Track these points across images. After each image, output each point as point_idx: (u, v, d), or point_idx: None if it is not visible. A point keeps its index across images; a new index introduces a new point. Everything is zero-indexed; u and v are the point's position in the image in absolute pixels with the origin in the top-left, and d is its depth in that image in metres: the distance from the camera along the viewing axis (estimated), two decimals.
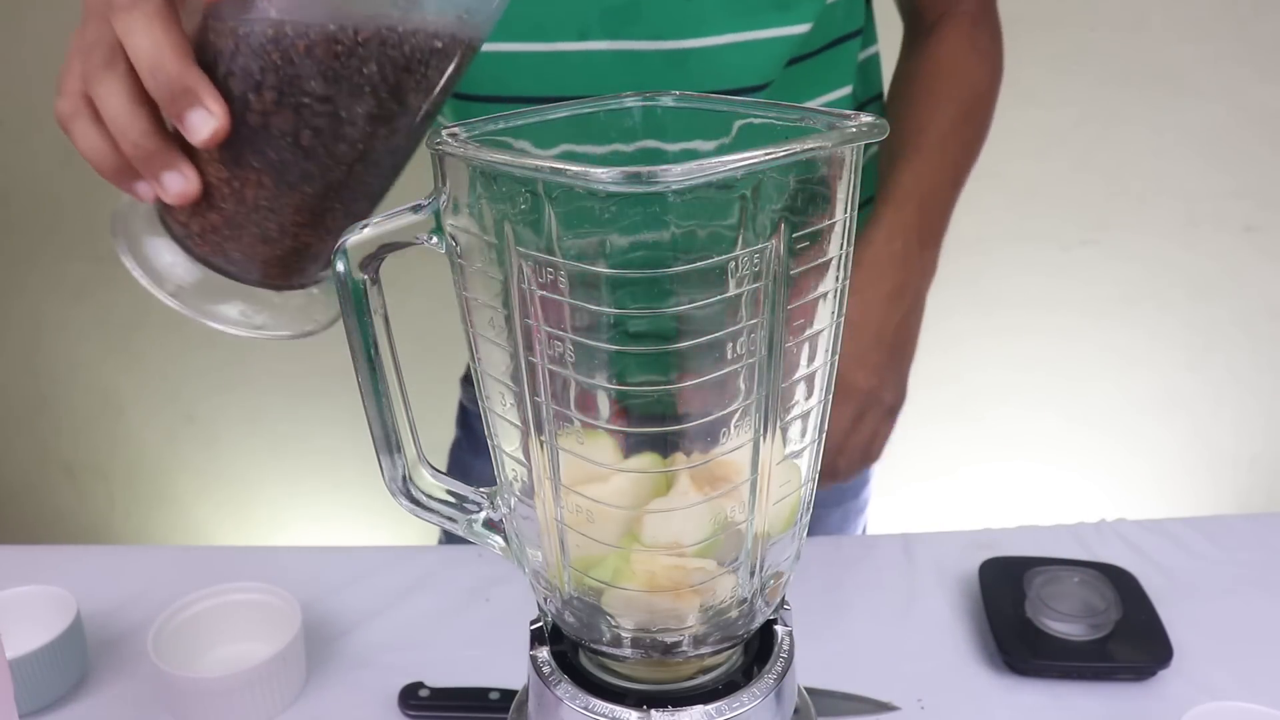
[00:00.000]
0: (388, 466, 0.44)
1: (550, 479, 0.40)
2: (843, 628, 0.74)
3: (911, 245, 0.73)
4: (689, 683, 0.43)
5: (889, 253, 0.72)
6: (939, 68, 0.79)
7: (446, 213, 0.39)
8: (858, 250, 0.73)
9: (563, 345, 0.36)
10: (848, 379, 0.71)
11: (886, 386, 0.74)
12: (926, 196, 0.75)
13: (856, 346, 0.71)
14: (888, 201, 0.75)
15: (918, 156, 0.76)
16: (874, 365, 0.71)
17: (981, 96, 0.80)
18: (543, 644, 0.45)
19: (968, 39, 0.80)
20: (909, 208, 0.74)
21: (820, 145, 0.35)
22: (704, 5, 0.67)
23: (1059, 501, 1.90)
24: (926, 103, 0.78)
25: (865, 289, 0.72)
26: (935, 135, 0.76)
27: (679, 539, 0.40)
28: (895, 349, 0.74)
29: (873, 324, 0.71)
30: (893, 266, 0.72)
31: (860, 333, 0.71)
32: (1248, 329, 1.82)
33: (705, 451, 0.39)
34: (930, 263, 0.76)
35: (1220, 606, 0.75)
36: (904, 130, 0.77)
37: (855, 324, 0.71)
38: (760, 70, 0.70)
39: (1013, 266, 1.72)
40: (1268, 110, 1.67)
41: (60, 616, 0.69)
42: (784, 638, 0.45)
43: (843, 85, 0.78)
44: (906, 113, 0.79)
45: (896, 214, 0.74)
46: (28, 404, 1.95)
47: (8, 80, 1.68)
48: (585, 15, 0.67)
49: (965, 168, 0.78)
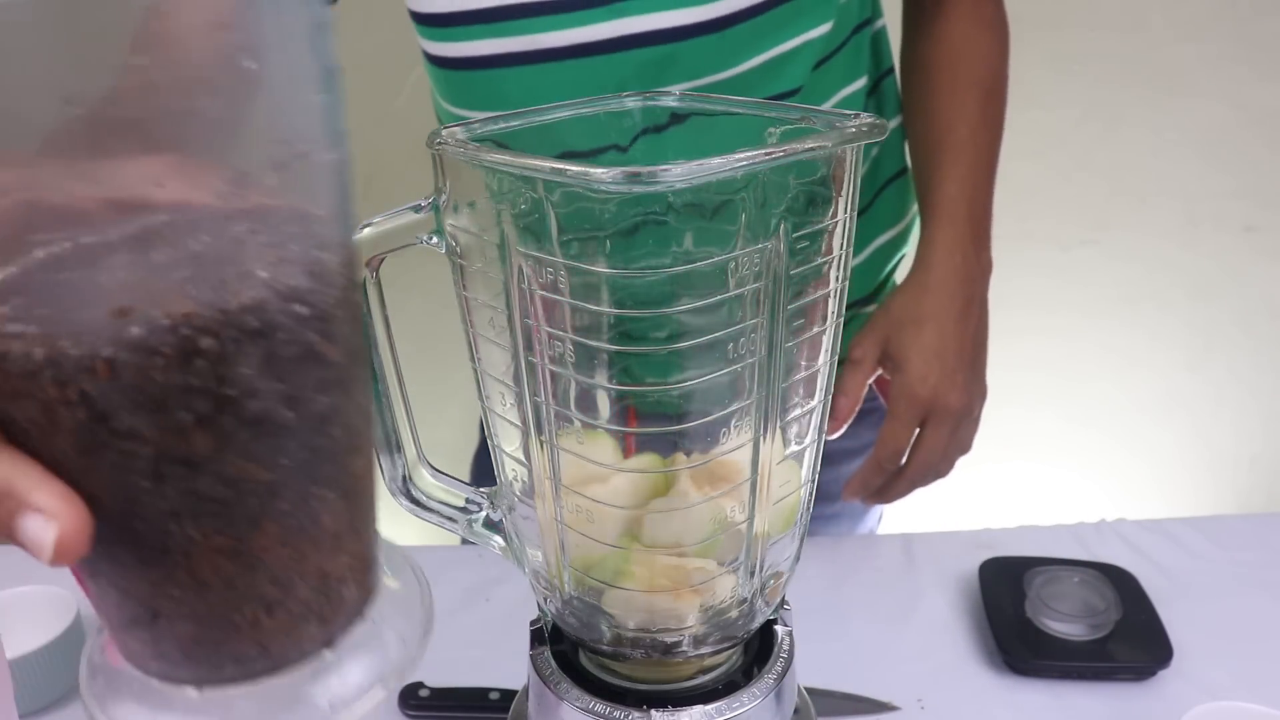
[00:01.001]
0: (388, 466, 0.44)
1: (550, 479, 0.40)
2: (843, 628, 0.74)
3: (970, 255, 0.75)
4: (689, 683, 0.43)
5: (952, 270, 0.74)
6: (954, 52, 0.78)
7: (446, 213, 0.39)
8: (920, 274, 0.74)
9: (563, 345, 0.36)
10: (941, 402, 0.72)
11: (975, 399, 0.76)
12: (973, 200, 0.76)
13: (943, 369, 0.72)
14: (939, 217, 0.75)
15: (956, 159, 0.76)
16: (962, 384, 0.73)
17: (998, 71, 0.80)
18: (543, 644, 0.45)
19: (974, 13, 0.79)
20: (960, 218, 0.75)
21: (820, 145, 0.35)
22: (736, 36, 0.67)
23: (1059, 501, 1.90)
24: (950, 94, 0.78)
25: (939, 314, 0.73)
26: (966, 130, 0.76)
27: (679, 539, 0.40)
28: (975, 359, 0.76)
29: (952, 345, 0.73)
30: (959, 283, 0.74)
31: (944, 357, 0.72)
32: (1248, 329, 1.82)
33: (705, 451, 0.39)
34: (987, 262, 0.77)
35: (1220, 606, 0.75)
36: (934, 128, 0.78)
37: (937, 350, 0.72)
38: (792, 78, 0.71)
39: (1013, 266, 1.71)
40: (1268, 110, 1.67)
41: (60, 616, 0.69)
42: (784, 638, 0.45)
43: (861, 75, 0.78)
44: (932, 106, 0.79)
45: (951, 228, 0.75)
46: None
47: None
48: (621, 72, 0.67)
49: (997, 150, 0.79)
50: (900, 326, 0.73)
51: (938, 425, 0.73)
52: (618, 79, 0.68)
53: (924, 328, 0.73)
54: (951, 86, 0.78)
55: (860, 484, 0.75)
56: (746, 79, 0.69)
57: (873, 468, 0.74)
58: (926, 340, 0.73)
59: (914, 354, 0.72)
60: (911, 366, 0.72)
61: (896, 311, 0.74)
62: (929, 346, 0.72)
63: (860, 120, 0.37)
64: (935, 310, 0.73)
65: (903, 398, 0.72)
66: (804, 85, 0.72)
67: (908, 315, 0.73)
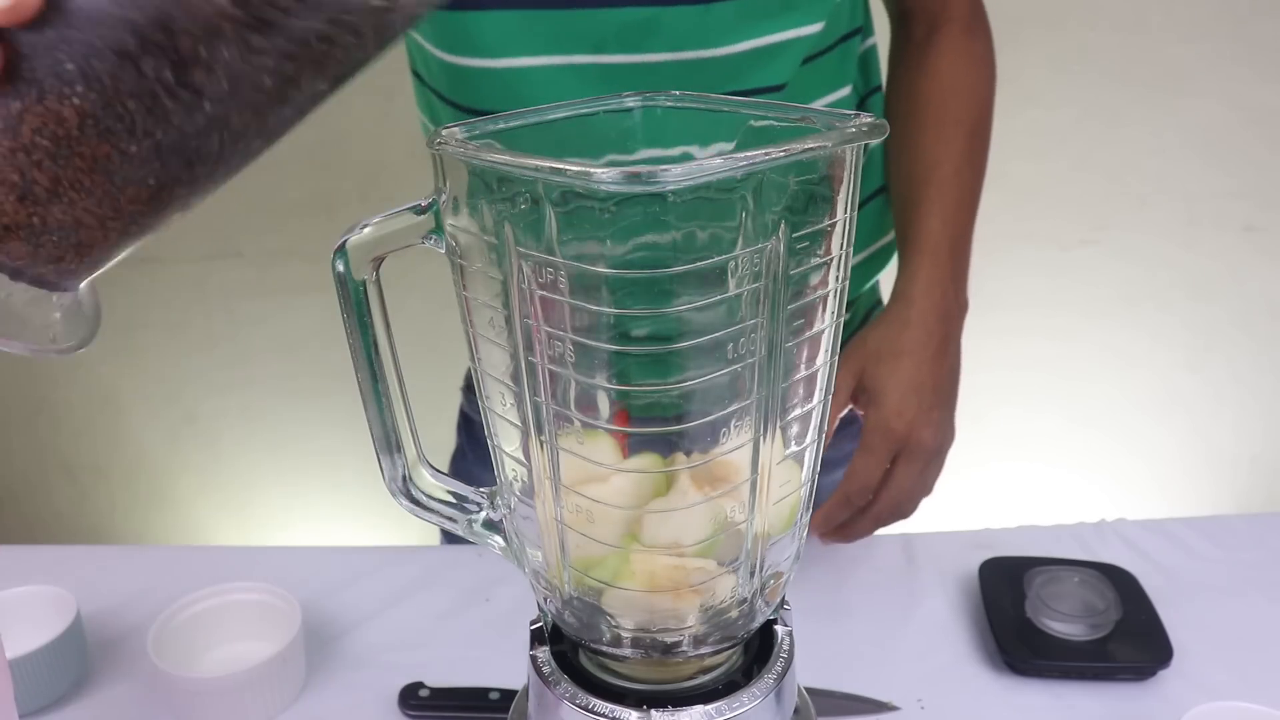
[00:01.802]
0: (388, 466, 0.44)
1: (550, 479, 0.40)
2: (843, 628, 0.74)
3: (949, 293, 0.74)
4: (689, 683, 0.43)
5: (932, 306, 0.73)
6: (943, 87, 0.79)
7: (446, 213, 0.39)
8: (899, 308, 0.74)
9: (563, 345, 0.36)
10: (915, 438, 0.71)
11: (947, 439, 0.75)
12: (955, 237, 0.75)
13: (920, 405, 0.71)
14: (922, 251, 0.75)
15: (940, 195, 0.76)
16: (937, 422, 0.72)
17: (984, 107, 0.80)
18: (543, 644, 0.45)
19: (964, 49, 0.79)
20: (943, 254, 0.74)
21: (820, 145, 0.35)
22: (722, 14, 0.67)
23: (1059, 501, 1.90)
24: (937, 129, 0.78)
25: (917, 349, 0.72)
26: (951, 168, 0.76)
27: (679, 539, 0.40)
28: (949, 399, 0.75)
29: (929, 382, 0.72)
30: (937, 320, 0.73)
31: (921, 393, 0.72)
32: (1248, 329, 1.82)
33: (705, 451, 0.39)
34: (964, 302, 0.77)
35: (1220, 606, 0.75)
36: (920, 162, 0.77)
37: (915, 386, 0.71)
38: (778, 72, 0.71)
39: (1013, 266, 1.72)
40: (1268, 110, 1.67)
41: (60, 616, 0.69)
42: (784, 638, 0.45)
43: (847, 83, 0.78)
44: (919, 140, 0.78)
45: (933, 264, 0.74)
46: (28, 404, 1.95)
47: None
48: (602, 30, 0.67)
49: (980, 191, 0.79)
50: (877, 359, 0.72)
51: (909, 462, 0.71)
52: (597, 38, 0.67)
53: (902, 362, 0.72)
54: (939, 121, 0.78)
55: (824, 519, 0.73)
56: (734, 63, 0.69)
57: (840, 503, 0.72)
58: (904, 375, 0.72)
59: (891, 388, 0.71)
60: (888, 400, 0.71)
61: (874, 344, 0.73)
62: (907, 381, 0.71)
63: (860, 120, 0.37)
64: (914, 345, 0.72)
65: (877, 431, 0.71)
66: (790, 82, 0.71)
67: (886, 348, 0.72)
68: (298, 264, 1.73)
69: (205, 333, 1.83)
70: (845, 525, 0.74)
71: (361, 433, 0.44)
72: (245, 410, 1.89)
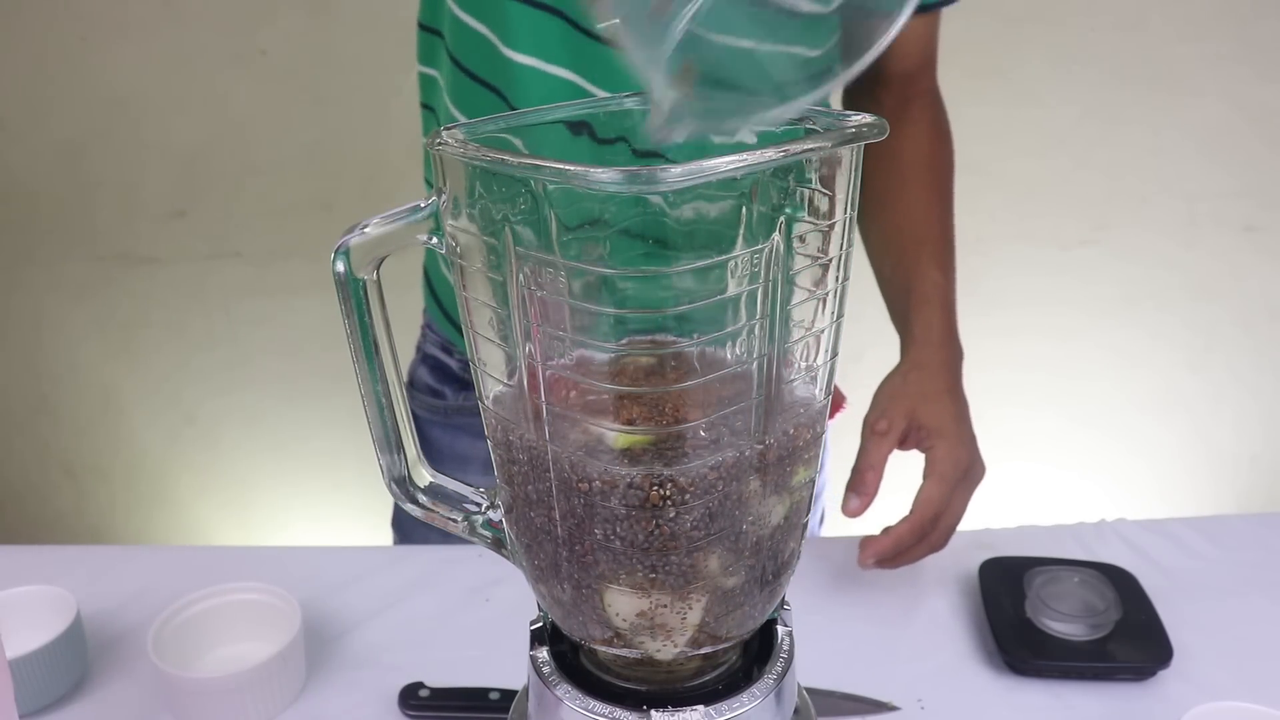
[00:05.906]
0: (388, 466, 0.44)
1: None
2: (843, 628, 0.74)
3: (956, 339, 0.80)
4: (689, 683, 0.43)
5: (951, 352, 0.80)
6: (921, 153, 0.85)
7: (446, 213, 0.39)
8: (928, 353, 0.79)
9: (563, 345, 0.36)
10: (976, 466, 0.76)
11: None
12: (950, 290, 0.81)
13: (972, 437, 0.77)
14: (931, 301, 0.80)
15: (937, 250, 0.82)
16: (979, 453, 0.77)
17: (951, 177, 0.87)
18: (543, 644, 0.45)
19: (933, 123, 0.87)
20: (949, 305, 0.81)
21: (820, 145, 0.35)
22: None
23: (1059, 501, 1.90)
24: (925, 189, 0.85)
25: (954, 389, 0.78)
26: (940, 228, 0.84)
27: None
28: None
29: (968, 418, 0.78)
30: (956, 363, 0.80)
31: (969, 426, 0.77)
32: (1248, 329, 1.82)
33: None
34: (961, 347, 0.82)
35: (1220, 606, 0.75)
36: (909, 219, 0.84)
37: (964, 419, 0.77)
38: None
39: (1013, 266, 1.72)
40: (1268, 110, 1.67)
41: (60, 616, 0.69)
42: (784, 638, 0.45)
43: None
44: (903, 199, 0.84)
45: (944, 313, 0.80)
46: (28, 404, 1.95)
47: (8, 80, 1.68)
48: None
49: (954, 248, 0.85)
50: (924, 399, 0.76)
51: (967, 489, 0.75)
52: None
53: (947, 399, 0.77)
54: (920, 184, 0.84)
55: (894, 545, 0.73)
56: None
57: (915, 530, 0.73)
58: (955, 411, 0.77)
59: (949, 421, 0.75)
60: (951, 432, 0.75)
61: (915, 386, 0.77)
62: (960, 416, 0.77)
63: (860, 120, 0.37)
64: (951, 385, 0.78)
65: (949, 459, 0.74)
66: None
67: (929, 389, 0.77)
68: (298, 264, 1.73)
69: (205, 333, 1.83)
70: (901, 553, 0.75)
71: (361, 433, 0.44)
72: (245, 410, 1.89)
